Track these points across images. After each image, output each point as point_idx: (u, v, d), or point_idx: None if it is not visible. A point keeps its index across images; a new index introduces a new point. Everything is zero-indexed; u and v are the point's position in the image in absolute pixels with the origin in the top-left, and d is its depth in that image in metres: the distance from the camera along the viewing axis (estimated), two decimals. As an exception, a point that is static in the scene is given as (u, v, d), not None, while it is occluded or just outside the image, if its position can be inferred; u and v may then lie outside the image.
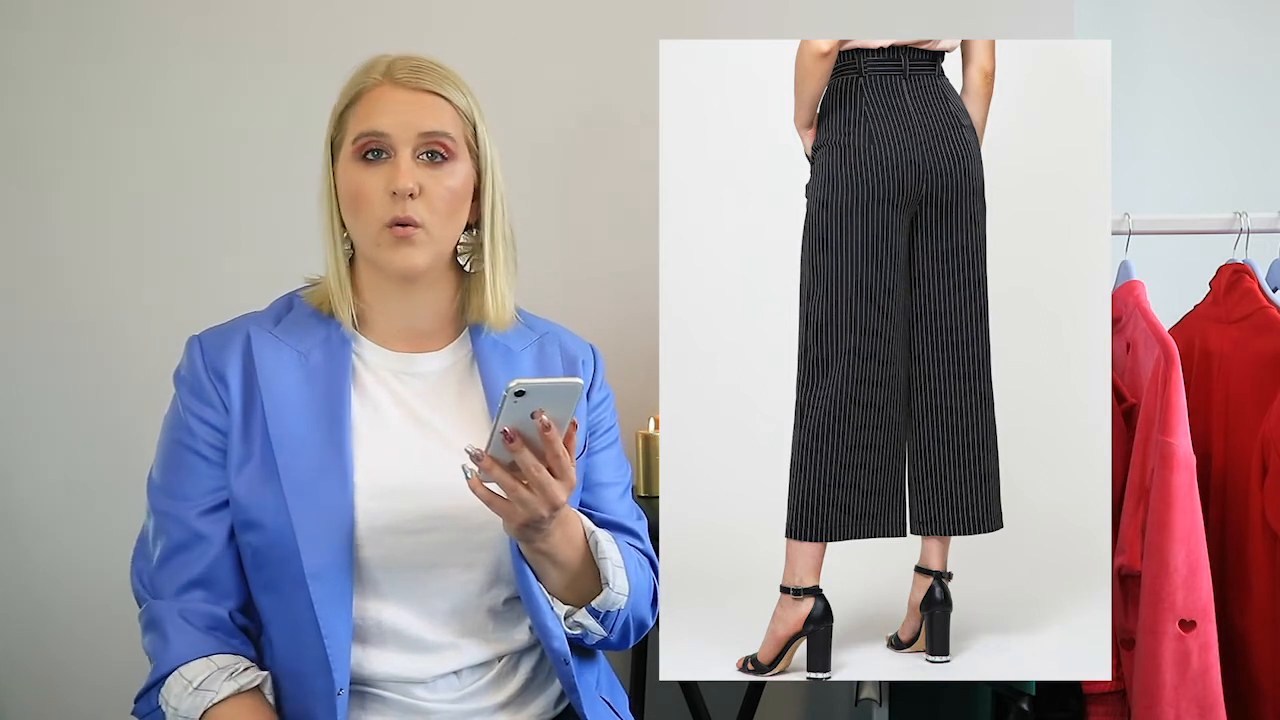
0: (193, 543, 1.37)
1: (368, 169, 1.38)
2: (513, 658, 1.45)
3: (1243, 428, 1.83)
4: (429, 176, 1.39)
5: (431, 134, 1.39)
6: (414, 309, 1.46)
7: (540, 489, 1.27)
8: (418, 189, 1.37)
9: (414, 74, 1.40)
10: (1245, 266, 1.88)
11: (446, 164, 1.40)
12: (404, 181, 1.36)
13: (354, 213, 1.40)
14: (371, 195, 1.38)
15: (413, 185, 1.37)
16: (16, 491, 2.33)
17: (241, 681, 1.33)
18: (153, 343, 1.79)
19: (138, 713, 1.37)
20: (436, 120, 1.39)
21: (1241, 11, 2.57)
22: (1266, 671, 1.81)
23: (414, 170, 1.38)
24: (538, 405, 1.23)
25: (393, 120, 1.38)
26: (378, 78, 1.40)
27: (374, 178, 1.38)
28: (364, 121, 1.39)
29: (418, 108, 1.39)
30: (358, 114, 1.40)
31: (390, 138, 1.38)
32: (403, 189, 1.36)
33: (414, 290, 1.45)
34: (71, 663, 2.33)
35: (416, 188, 1.37)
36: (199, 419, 1.40)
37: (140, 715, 1.37)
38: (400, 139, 1.38)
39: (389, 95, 1.39)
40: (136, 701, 1.37)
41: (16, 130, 2.31)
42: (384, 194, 1.38)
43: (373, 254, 1.41)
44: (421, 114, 1.39)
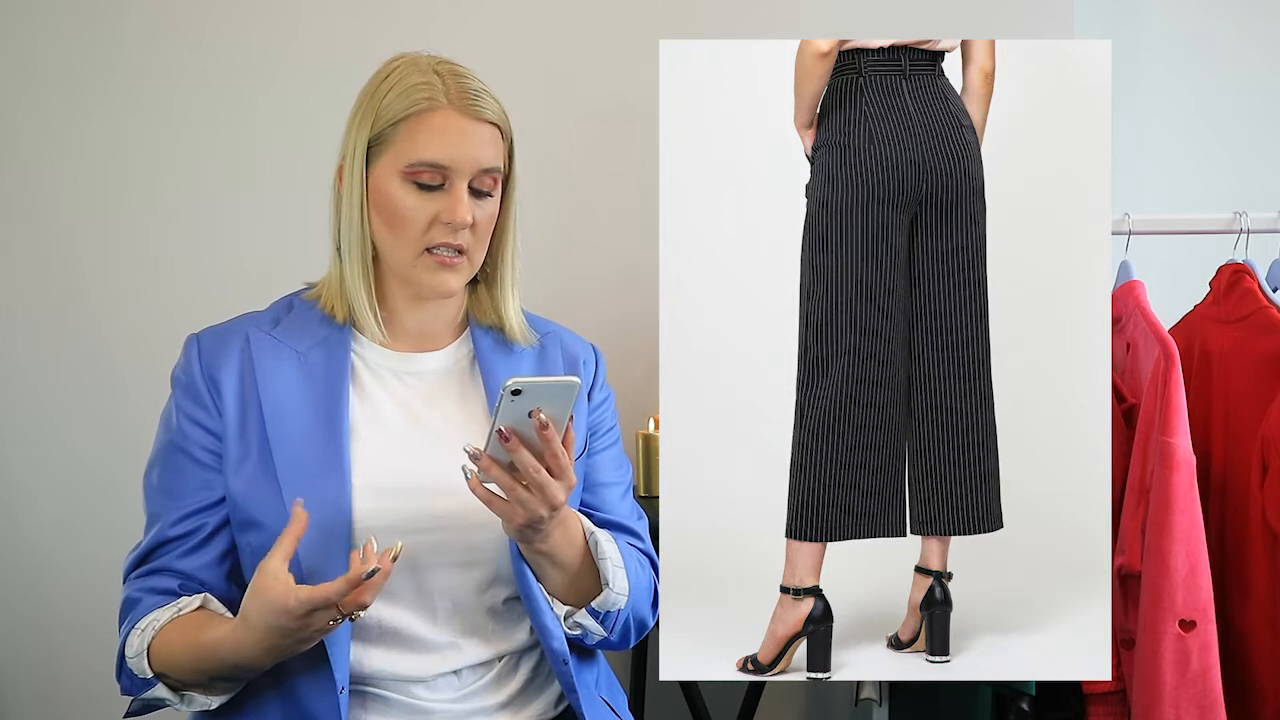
0: (176, 540, 1.38)
1: (420, 194, 1.38)
2: (513, 657, 1.45)
3: (1243, 428, 1.83)
4: (476, 207, 1.39)
5: (490, 170, 1.39)
6: (427, 316, 1.47)
7: (539, 489, 1.27)
8: (473, 221, 1.38)
9: (472, 100, 1.38)
10: (1245, 266, 1.88)
11: (489, 194, 1.41)
12: (464, 216, 1.37)
13: (395, 232, 1.39)
14: (420, 220, 1.38)
15: (471, 220, 1.38)
16: (16, 491, 2.33)
17: (181, 605, 1.34)
18: (153, 343, 1.79)
19: (123, 689, 1.37)
20: (494, 156, 1.40)
21: (1241, 11, 2.57)
22: (1266, 671, 1.81)
23: (470, 205, 1.38)
24: (535, 404, 1.23)
25: (455, 154, 1.37)
26: (438, 100, 1.37)
27: (426, 204, 1.37)
28: (424, 149, 1.37)
29: (478, 142, 1.38)
30: (415, 136, 1.37)
31: (451, 171, 1.37)
32: (462, 223, 1.37)
33: (433, 304, 1.46)
34: (72, 662, 2.33)
35: (473, 220, 1.38)
36: (191, 420, 1.40)
37: (125, 692, 1.37)
38: (460, 172, 1.37)
39: (451, 123, 1.37)
40: (118, 680, 1.37)
41: (18, 130, 2.31)
42: (431, 219, 1.38)
43: (407, 273, 1.41)
44: (482, 148, 1.38)
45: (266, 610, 1.23)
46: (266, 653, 1.27)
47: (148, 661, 1.32)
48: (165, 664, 1.32)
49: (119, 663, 1.36)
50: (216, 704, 1.36)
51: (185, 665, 1.31)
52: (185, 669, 1.32)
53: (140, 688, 1.34)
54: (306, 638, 1.26)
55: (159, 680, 1.32)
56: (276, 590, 1.23)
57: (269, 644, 1.26)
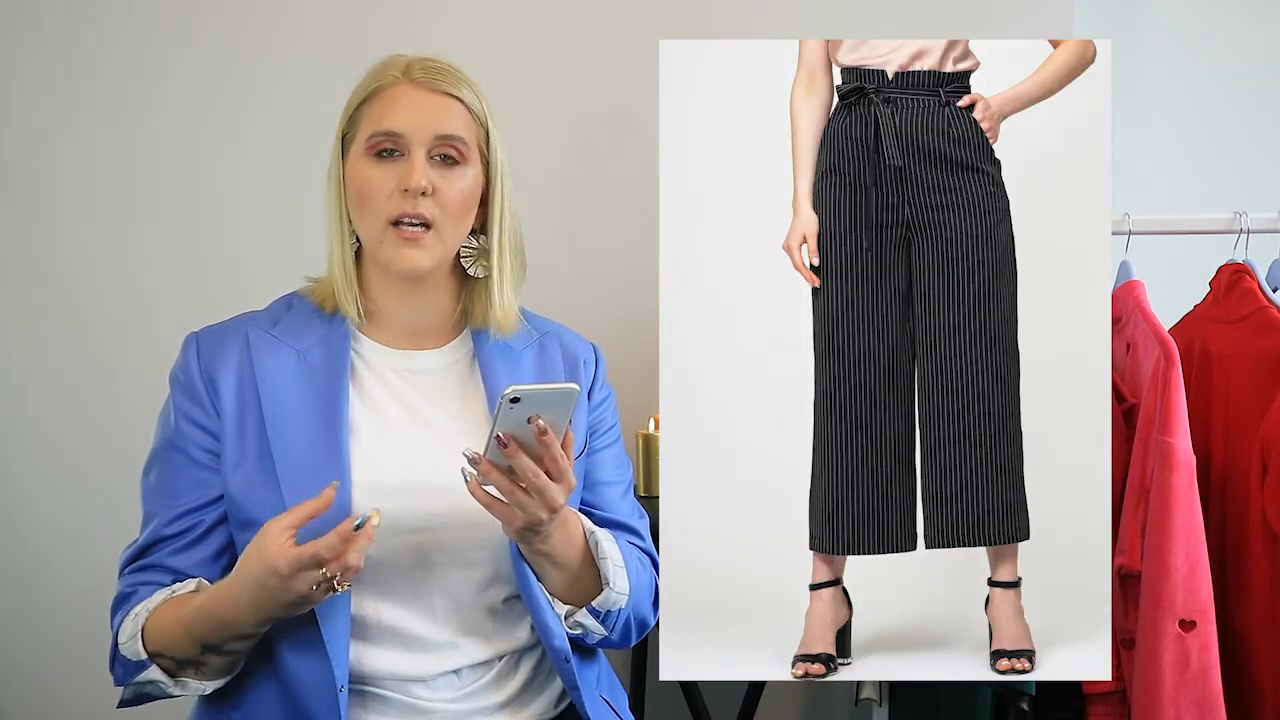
0: (171, 539, 1.38)
1: (379, 166, 1.39)
2: (513, 657, 1.45)
3: (1243, 428, 1.83)
4: (441, 177, 1.39)
5: (447, 137, 1.39)
6: (417, 309, 1.46)
7: (538, 493, 1.27)
8: (430, 188, 1.38)
9: (432, 75, 1.40)
10: (1245, 266, 1.88)
11: (458, 167, 1.41)
12: (417, 179, 1.37)
13: (361, 209, 1.40)
14: (380, 192, 1.38)
15: (425, 184, 1.37)
16: (16, 491, 2.33)
17: (175, 588, 1.35)
18: (153, 343, 1.79)
19: (116, 680, 1.37)
20: (452, 123, 1.40)
21: (1241, 11, 2.57)
22: (1266, 671, 1.81)
23: (427, 170, 1.38)
24: (534, 411, 1.24)
25: (409, 120, 1.38)
26: (395, 75, 1.41)
27: (385, 175, 1.38)
28: (379, 120, 1.39)
29: (434, 109, 1.39)
30: (372, 112, 1.40)
31: (405, 138, 1.38)
32: (415, 186, 1.37)
33: (418, 291, 1.45)
34: (71, 662, 2.33)
35: (429, 186, 1.38)
36: (189, 420, 1.40)
37: (118, 682, 1.37)
38: (415, 139, 1.38)
39: (406, 95, 1.40)
40: (111, 671, 1.37)
41: (17, 130, 2.31)
42: (393, 191, 1.38)
43: (377, 252, 1.41)
44: (437, 116, 1.39)
45: (260, 563, 1.25)
46: (252, 610, 1.28)
47: (142, 642, 1.32)
48: (158, 641, 1.32)
49: (112, 653, 1.36)
50: (210, 688, 1.35)
51: (178, 635, 1.31)
52: (178, 639, 1.31)
53: (133, 670, 1.34)
54: (291, 601, 1.27)
55: (152, 661, 1.32)
56: (272, 547, 1.24)
57: (256, 601, 1.27)
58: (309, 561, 1.23)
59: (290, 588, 1.24)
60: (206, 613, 1.30)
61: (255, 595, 1.26)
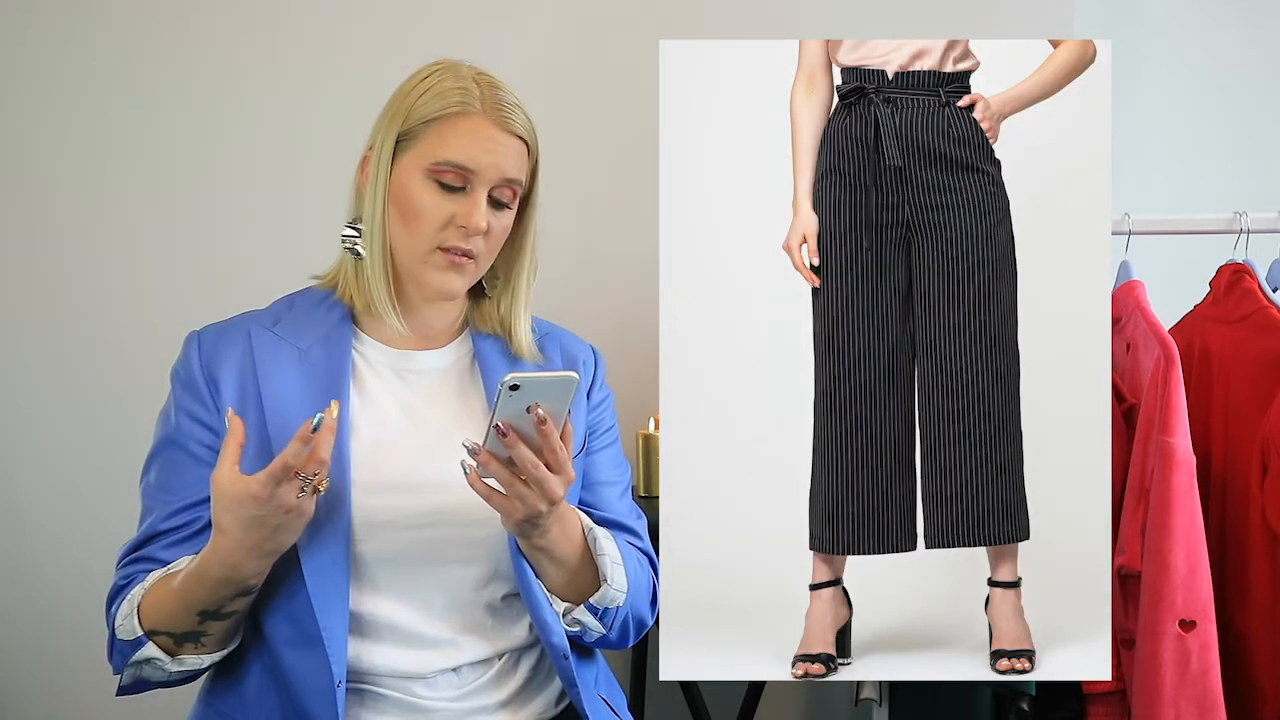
0: (168, 533, 1.38)
1: (441, 194, 1.39)
2: (513, 656, 1.45)
3: (1243, 428, 1.83)
4: (493, 216, 1.41)
5: (511, 181, 1.41)
6: (430, 318, 1.48)
7: (538, 484, 1.28)
8: (487, 228, 1.40)
9: (504, 112, 1.40)
10: (1245, 266, 1.88)
11: (506, 209, 1.43)
12: (478, 222, 1.38)
13: (407, 226, 1.40)
14: (436, 219, 1.39)
15: (485, 226, 1.39)
16: (16, 491, 2.33)
17: (169, 568, 1.35)
18: (153, 342, 1.79)
19: (115, 668, 1.37)
20: (516, 166, 1.41)
21: (1241, 11, 2.57)
22: (1266, 671, 1.81)
23: (487, 211, 1.40)
24: (533, 399, 1.24)
25: (482, 160, 1.38)
26: (471, 105, 1.39)
27: (444, 204, 1.39)
28: (452, 150, 1.38)
29: (506, 153, 1.40)
30: (445, 137, 1.39)
31: (476, 175, 1.39)
32: (476, 229, 1.38)
33: (433, 307, 1.47)
34: (71, 663, 2.33)
35: (487, 227, 1.39)
36: (189, 416, 1.40)
37: (117, 670, 1.37)
38: (483, 179, 1.39)
39: (482, 130, 1.39)
40: (110, 660, 1.37)
41: (16, 130, 2.31)
42: (448, 223, 1.39)
43: (415, 269, 1.41)
44: (508, 159, 1.40)
45: (234, 505, 1.24)
46: (249, 552, 1.27)
47: (138, 619, 1.32)
48: (155, 618, 1.32)
49: (110, 641, 1.36)
50: (208, 662, 1.35)
51: (175, 607, 1.31)
52: (176, 611, 1.31)
53: (130, 650, 1.33)
54: (282, 523, 1.26)
55: (148, 638, 1.32)
56: (236, 487, 1.24)
57: (250, 541, 1.27)
58: (280, 473, 1.23)
59: (274, 504, 1.24)
60: (203, 574, 1.29)
61: (246, 535, 1.26)
